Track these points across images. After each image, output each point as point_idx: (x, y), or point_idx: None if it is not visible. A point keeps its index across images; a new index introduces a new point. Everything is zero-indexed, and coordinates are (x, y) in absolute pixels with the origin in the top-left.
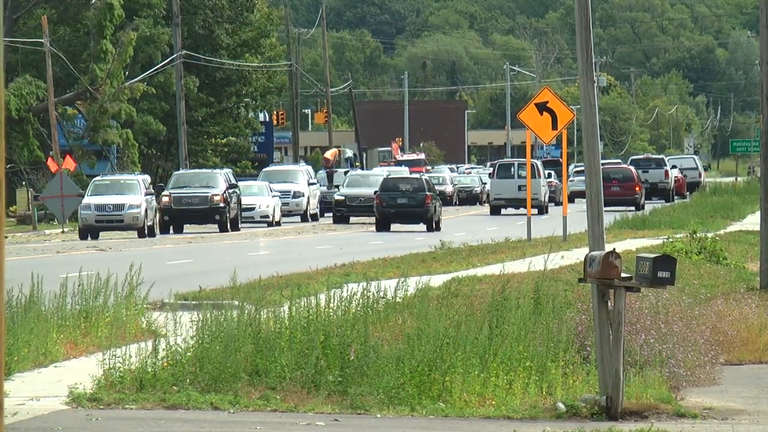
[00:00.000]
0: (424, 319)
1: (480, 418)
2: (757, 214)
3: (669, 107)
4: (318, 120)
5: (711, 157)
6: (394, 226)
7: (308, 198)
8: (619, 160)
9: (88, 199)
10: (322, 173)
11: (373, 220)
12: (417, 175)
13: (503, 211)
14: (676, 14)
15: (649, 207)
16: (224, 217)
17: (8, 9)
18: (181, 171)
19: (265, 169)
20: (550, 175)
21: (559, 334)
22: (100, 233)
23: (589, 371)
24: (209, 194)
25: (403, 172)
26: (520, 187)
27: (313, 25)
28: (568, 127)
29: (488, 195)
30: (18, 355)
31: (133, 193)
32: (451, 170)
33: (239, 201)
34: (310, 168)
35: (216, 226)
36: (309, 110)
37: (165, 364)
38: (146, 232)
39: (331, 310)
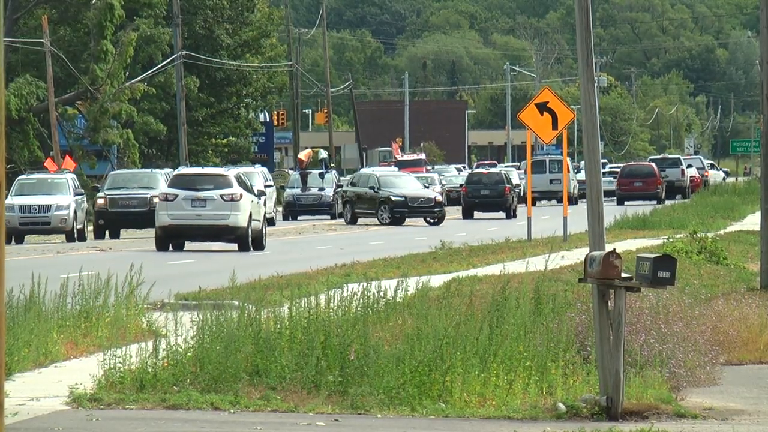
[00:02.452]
0: (425, 319)
1: (480, 418)
2: (757, 214)
3: (669, 107)
4: (318, 120)
5: (711, 157)
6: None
7: (264, 201)
8: (605, 160)
9: (11, 200)
10: (296, 174)
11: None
12: (497, 170)
13: (537, 203)
14: (676, 14)
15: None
16: None
17: (8, 9)
18: (118, 171)
19: None
20: (578, 170)
21: (559, 334)
22: (25, 237)
23: (589, 371)
24: (148, 196)
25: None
26: (551, 181)
27: (314, 25)
28: (569, 127)
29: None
30: (18, 355)
31: (61, 193)
32: (458, 170)
33: None
34: (266, 170)
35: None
36: (309, 110)
37: (165, 364)
38: (75, 235)
39: (331, 310)
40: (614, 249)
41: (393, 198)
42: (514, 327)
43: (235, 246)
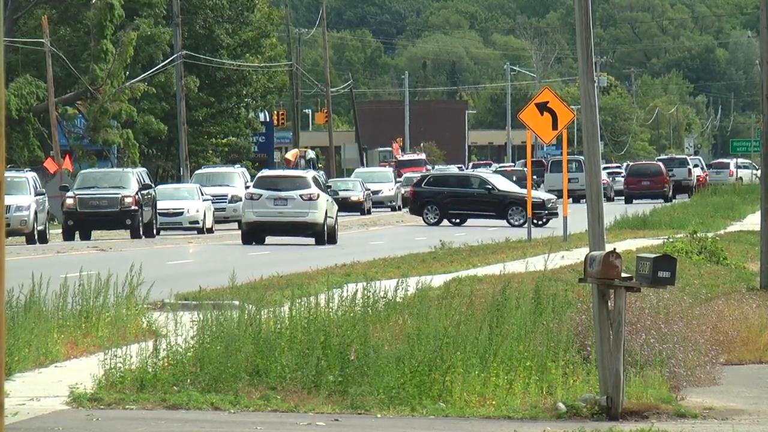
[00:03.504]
0: (425, 319)
1: (480, 418)
2: (757, 214)
3: (669, 107)
4: (318, 120)
5: (711, 157)
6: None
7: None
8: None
9: None
10: None
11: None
12: (519, 168)
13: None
14: (676, 14)
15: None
16: (136, 221)
17: (8, 9)
18: (89, 169)
19: (197, 172)
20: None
21: (559, 334)
22: None
23: (589, 371)
24: (119, 196)
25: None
26: (570, 180)
27: (314, 25)
28: (569, 127)
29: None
30: (18, 355)
31: (21, 192)
32: (460, 169)
33: (154, 204)
34: (245, 170)
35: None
36: (309, 110)
37: (165, 364)
38: (36, 237)
39: (331, 310)
40: (614, 249)
41: (534, 200)
42: (514, 327)
43: (312, 240)
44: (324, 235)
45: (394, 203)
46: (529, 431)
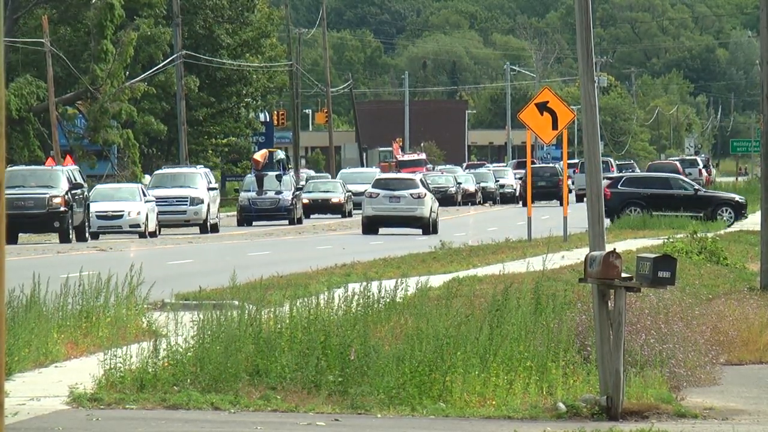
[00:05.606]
0: (425, 319)
1: (481, 418)
2: (758, 214)
3: (669, 107)
4: (318, 120)
5: (711, 157)
6: None
7: (208, 205)
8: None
9: None
10: (251, 177)
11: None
12: (552, 164)
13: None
14: (676, 14)
15: None
16: (65, 223)
17: (8, 9)
18: (15, 167)
19: (157, 172)
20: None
21: (559, 334)
22: None
23: (589, 371)
24: (47, 196)
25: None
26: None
27: (314, 25)
28: (569, 127)
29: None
30: (18, 355)
31: None
32: (464, 169)
33: (86, 205)
34: (208, 171)
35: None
36: (309, 110)
37: (165, 364)
38: None
39: (331, 310)
40: (614, 249)
41: (738, 200)
42: (514, 327)
43: (419, 231)
44: (429, 226)
45: None
46: (529, 431)
